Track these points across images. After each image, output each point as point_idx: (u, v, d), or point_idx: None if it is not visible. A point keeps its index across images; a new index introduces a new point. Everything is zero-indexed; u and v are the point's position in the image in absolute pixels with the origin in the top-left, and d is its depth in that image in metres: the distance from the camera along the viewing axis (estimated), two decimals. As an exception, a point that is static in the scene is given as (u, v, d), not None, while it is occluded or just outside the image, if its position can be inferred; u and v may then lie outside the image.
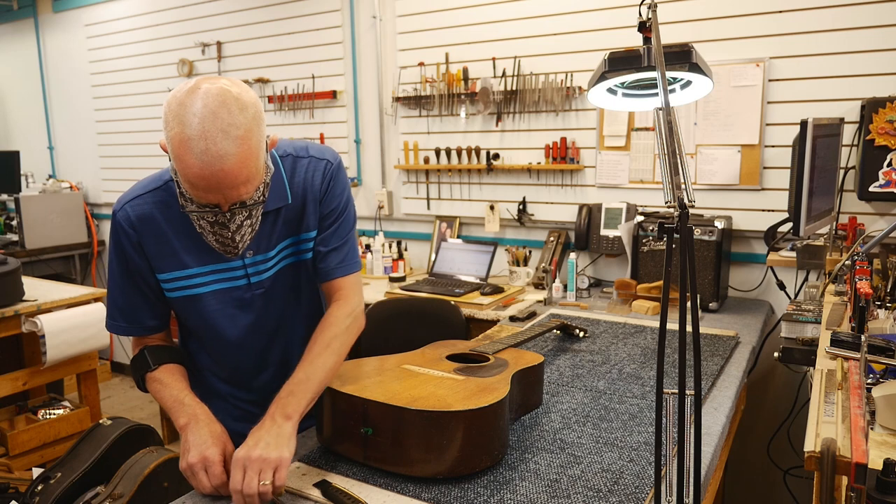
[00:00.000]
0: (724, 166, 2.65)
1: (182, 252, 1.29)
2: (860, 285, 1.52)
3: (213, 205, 1.14)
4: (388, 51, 3.46)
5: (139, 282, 1.32)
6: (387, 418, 1.21)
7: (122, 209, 1.29)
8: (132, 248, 1.29)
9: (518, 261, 3.02)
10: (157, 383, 1.32)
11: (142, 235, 1.28)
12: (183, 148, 1.06)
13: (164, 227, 1.28)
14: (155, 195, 1.29)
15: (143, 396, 4.67)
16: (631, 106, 1.30)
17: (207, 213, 1.15)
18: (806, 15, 2.44)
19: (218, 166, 1.07)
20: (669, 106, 0.95)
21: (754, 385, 2.66)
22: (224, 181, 1.08)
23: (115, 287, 1.34)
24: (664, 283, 0.88)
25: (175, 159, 1.09)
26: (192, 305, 1.34)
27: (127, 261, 1.31)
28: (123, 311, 1.35)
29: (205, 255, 1.30)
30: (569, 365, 1.86)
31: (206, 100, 1.07)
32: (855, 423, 1.04)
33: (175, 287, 1.32)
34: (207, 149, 1.06)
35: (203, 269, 1.31)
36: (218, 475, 1.16)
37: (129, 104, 4.60)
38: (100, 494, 2.14)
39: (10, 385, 2.72)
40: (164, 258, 1.29)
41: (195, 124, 1.06)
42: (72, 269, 4.85)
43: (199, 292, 1.33)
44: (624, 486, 1.19)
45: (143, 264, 1.30)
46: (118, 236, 1.30)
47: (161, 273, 1.30)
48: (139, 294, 1.33)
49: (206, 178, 1.07)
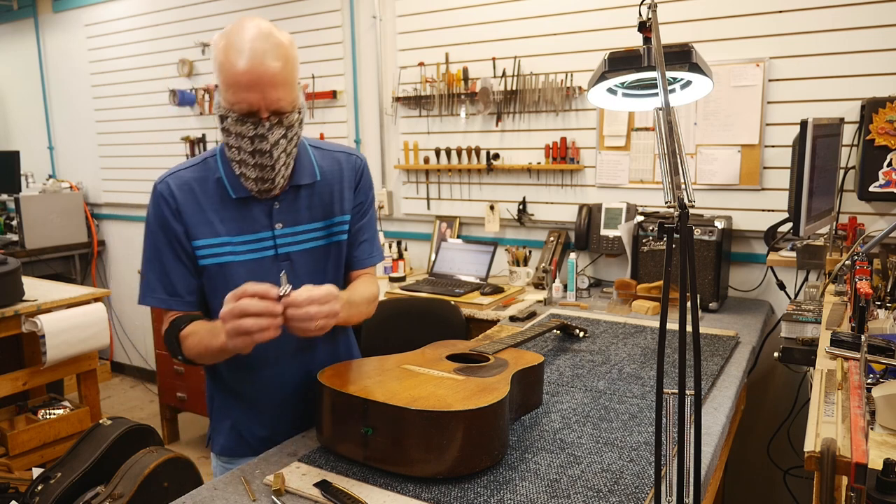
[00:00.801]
0: (724, 166, 2.66)
1: (216, 221, 1.37)
2: (860, 285, 1.52)
3: (253, 115, 1.24)
4: (388, 51, 3.46)
5: (178, 251, 1.37)
6: (387, 418, 1.21)
7: (163, 181, 1.38)
8: (172, 216, 1.36)
9: (518, 261, 3.02)
10: (191, 336, 1.33)
11: (180, 203, 1.36)
12: (230, 51, 1.21)
13: (201, 197, 1.37)
14: (193, 171, 1.39)
15: (142, 396, 4.68)
16: (631, 106, 1.30)
17: (248, 126, 1.25)
18: (806, 15, 2.44)
19: (260, 60, 1.21)
20: (669, 106, 0.95)
21: (754, 385, 2.66)
22: (265, 76, 1.21)
23: (154, 261, 1.38)
24: (664, 283, 0.88)
25: (222, 67, 1.23)
26: (221, 273, 1.38)
27: (167, 230, 1.36)
28: (163, 282, 1.38)
29: (236, 225, 1.38)
30: (569, 365, 1.86)
31: (254, 22, 1.25)
32: (855, 423, 1.04)
33: (208, 254, 1.37)
34: (253, 48, 1.21)
35: (234, 239, 1.37)
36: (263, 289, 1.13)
37: (129, 104, 4.60)
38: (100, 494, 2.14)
39: (10, 385, 2.72)
40: (200, 225, 1.36)
41: (242, 36, 1.22)
42: (72, 269, 4.85)
43: (228, 260, 1.38)
44: (624, 486, 1.19)
45: (182, 231, 1.36)
46: (159, 206, 1.37)
47: (196, 240, 1.36)
48: (179, 264, 1.37)
49: (249, 73, 1.20)
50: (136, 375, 5.02)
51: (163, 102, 4.34)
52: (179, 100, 4.19)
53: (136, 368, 5.02)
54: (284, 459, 1.32)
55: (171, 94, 4.22)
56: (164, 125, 4.41)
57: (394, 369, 1.41)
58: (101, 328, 2.89)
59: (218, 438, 1.54)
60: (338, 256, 1.49)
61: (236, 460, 1.51)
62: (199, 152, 4.25)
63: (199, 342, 1.30)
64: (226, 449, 1.53)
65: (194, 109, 4.24)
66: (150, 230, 1.39)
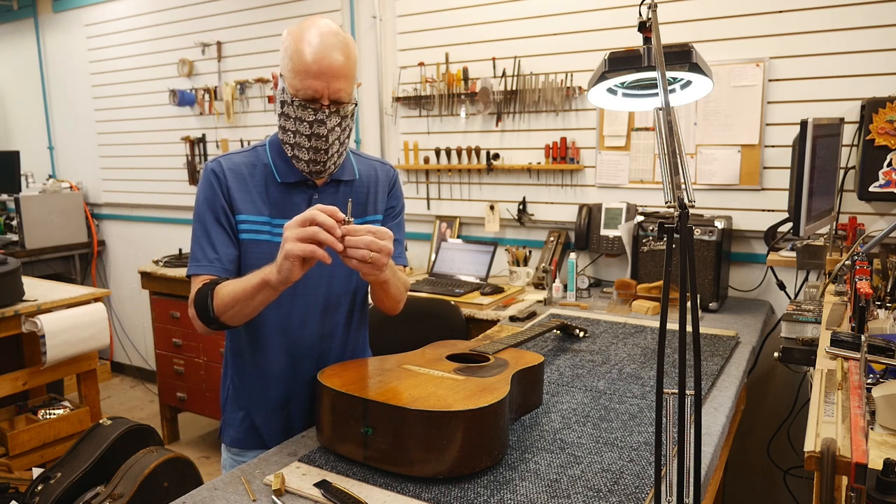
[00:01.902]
0: (724, 166, 2.66)
1: (259, 202, 1.47)
2: (860, 285, 1.52)
3: (315, 102, 1.36)
4: (388, 51, 3.46)
5: (223, 222, 1.45)
6: (387, 418, 1.21)
7: (216, 161, 1.49)
8: (221, 190, 1.45)
9: (518, 261, 3.02)
10: (224, 286, 1.36)
11: (229, 179, 1.46)
12: (302, 42, 1.34)
13: (248, 179, 1.47)
14: (243, 156, 1.50)
15: (142, 396, 4.68)
16: (631, 106, 1.30)
17: (309, 111, 1.36)
18: (806, 15, 2.44)
19: (328, 53, 1.34)
20: (669, 106, 0.95)
21: (754, 385, 2.66)
22: (332, 67, 1.34)
23: (202, 234, 1.45)
24: (664, 283, 0.88)
25: (292, 56, 1.35)
26: (256, 250, 1.46)
27: (215, 203, 1.45)
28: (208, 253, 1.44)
29: (276, 209, 1.47)
30: (569, 365, 1.86)
31: (324, 20, 1.38)
32: (855, 423, 1.04)
33: (248, 230, 1.46)
34: (323, 41, 1.34)
35: (273, 220, 1.46)
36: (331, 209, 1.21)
37: (129, 104, 4.60)
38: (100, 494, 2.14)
39: (10, 385, 2.72)
40: (246, 202, 1.46)
41: (314, 30, 1.34)
42: (72, 269, 4.85)
43: (265, 239, 1.46)
44: (624, 486, 1.19)
45: (227, 206, 1.45)
46: (209, 182, 1.46)
47: (240, 214, 1.46)
48: (223, 234, 1.46)
49: (318, 62, 1.33)
50: (136, 375, 5.02)
51: (163, 102, 4.34)
52: (179, 100, 4.19)
53: (136, 368, 5.02)
54: (284, 459, 1.32)
55: (171, 94, 4.22)
56: (164, 125, 4.41)
57: (394, 369, 1.41)
58: (101, 328, 2.89)
59: (229, 430, 1.58)
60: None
61: (246, 453, 1.54)
62: (199, 152, 4.26)
63: (236, 287, 1.33)
64: (236, 441, 1.56)
65: (194, 109, 4.24)
66: (198, 208, 1.47)
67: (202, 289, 1.38)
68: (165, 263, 3.73)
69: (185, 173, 4.33)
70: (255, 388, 1.54)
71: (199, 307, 1.37)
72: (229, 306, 1.34)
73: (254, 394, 1.54)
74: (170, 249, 4.03)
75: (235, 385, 1.57)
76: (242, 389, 1.55)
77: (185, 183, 4.35)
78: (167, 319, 3.73)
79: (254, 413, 1.54)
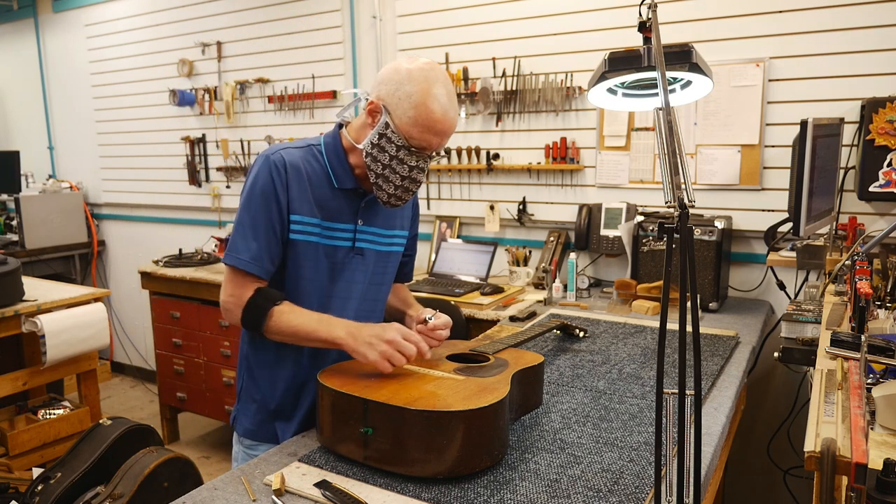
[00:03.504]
0: (724, 166, 2.66)
1: (314, 203, 1.48)
2: (860, 285, 1.52)
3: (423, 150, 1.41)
4: (388, 51, 3.46)
5: (275, 221, 1.45)
6: (387, 418, 1.21)
7: (277, 153, 1.46)
8: (281, 186, 1.44)
9: (518, 261, 3.02)
10: (288, 314, 1.43)
11: (290, 176, 1.45)
12: (432, 98, 1.36)
13: (305, 178, 1.47)
14: (301, 152, 1.50)
15: (142, 396, 4.68)
16: (631, 106, 1.30)
17: (414, 157, 1.41)
18: (806, 15, 2.44)
19: (452, 116, 1.41)
20: (669, 106, 0.95)
21: (754, 385, 2.66)
22: (452, 128, 1.42)
23: (250, 225, 1.45)
24: (664, 283, 0.88)
25: (416, 106, 1.36)
26: (304, 250, 1.48)
27: (271, 198, 1.44)
28: (252, 248, 1.44)
29: (326, 212, 1.49)
30: (569, 365, 1.86)
31: (442, 71, 1.42)
32: (855, 423, 1.04)
33: (300, 230, 1.47)
34: (450, 101, 1.39)
35: (323, 223, 1.49)
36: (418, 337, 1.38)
37: (129, 104, 4.60)
38: (100, 494, 2.14)
39: (10, 385, 2.72)
40: (302, 202, 1.47)
41: (442, 84, 1.38)
42: (72, 269, 4.85)
43: (314, 241, 1.49)
44: (624, 486, 1.19)
45: (285, 203, 1.45)
46: (270, 175, 1.44)
47: (295, 214, 1.46)
48: (272, 235, 1.45)
49: (445, 124, 1.39)
50: (136, 375, 5.02)
51: (163, 102, 4.34)
52: (179, 100, 4.19)
53: (136, 368, 5.02)
54: (284, 459, 1.32)
55: (171, 94, 4.22)
56: (164, 125, 4.41)
57: (394, 369, 1.41)
58: (101, 328, 2.89)
59: (243, 420, 1.59)
60: (393, 264, 1.66)
61: (258, 445, 1.55)
62: (199, 152, 4.26)
63: (302, 325, 1.42)
64: (249, 432, 1.57)
65: (194, 109, 4.24)
66: (252, 195, 1.45)
67: (258, 300, 1.44)
68: (165, 263, 3.73)
69: (185, 173, 4.33)
70: (266, 386, 1.55)
71: (251, 318, 1.44)
72: (285, 334, 1.44)
73: (266, 389, 1.55)
74: (170, 249, 4.03)
75: (252, 376, 1.58)
76: (259, 381, 1.56)
77: (185, 183, 4.35)
78: (167, 319, 3.73)
79: (269, 406, 1.55)
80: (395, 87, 1.38)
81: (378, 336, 1.36)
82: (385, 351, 1.34)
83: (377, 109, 1.42)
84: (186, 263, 3.70)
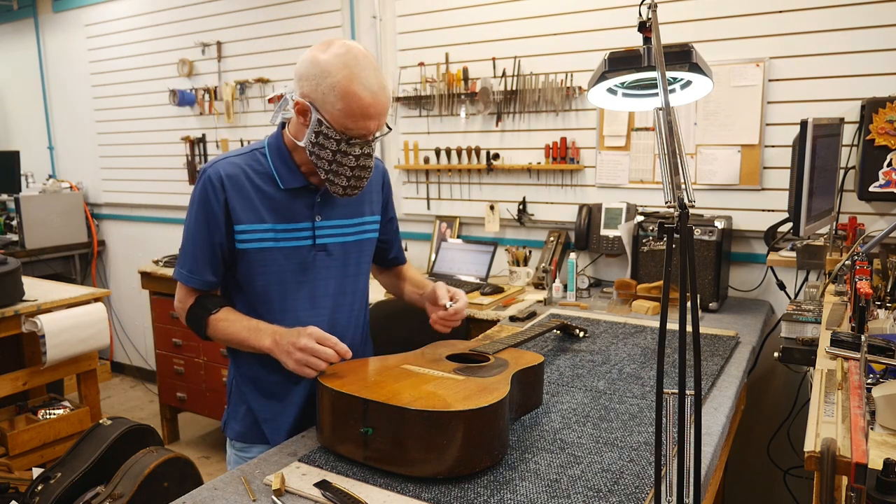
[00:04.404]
0: (724, 166, 2.65)
1: (261, 209, 1.46)
2: (860, 285, 1.52)
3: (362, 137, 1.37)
4: (388, 51, 3.46)
5: (214, 235, 1.45)
6: (387, 418, 1.21)
7: (213, 167, 1.46)
8: (217, 202, 1.44)
9: (518, 261, 3.02)
10: (223, 322, 1.47)
11: (228, 190, 1.44)
12: (356, 84, 1.31)
13: (247, 185, 1.46)
14: (242, 159, 1.48)
15: (142, 396, 4.68)
16: (631, 106, 1.30)
17: (356, 146, 1.37)
18: (806, 15, 2.44)
19: (382, 95, 1.35)
20: (669, 106, 0.95)
21: (754, 385, 2.66)
22: (383, 107, 1.36)
23: (189, 240, 1.49)
24: (664, 283, 0.88)
25: (343, 97, 1.31)
26: (260, 258, 1.47)
27: (208, 214, 1.44)
28: (190, 262, 1.49)
29: (279, 215, 1.47)
30: (569, 365, 1.86)
31: (359, 50, 1.35)
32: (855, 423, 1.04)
33: (249, 239, 1.46)
34: (377, 82, 1.33)
35: (276, 227, 1.47)
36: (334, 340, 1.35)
37: (129, 104, 4.60)
38: (100, 494, 2.14)
39: (10, 385, 2.72)
40: (246, 211, 1.45)
41: (364, 69, 1.32)
42: (72, 269, 4.85)
43: (269, 246, 1.47)
44: (624, 486, 1.19)
45: (222, 218, 1.44)
46: (206, 190, 1.45)
47: (240, 224, 1.45)
48: (210, 248, 1.46)
49: (375, 105, 1.33)
50: (136, 375, 5.02)
51: (163, 102, 4.34)
52: (179, 100, 4.19)
53: (136, 368, 5.02)
54: (284, 459, 1.32)
55: (171, 94, 4.22)
56: (164, 125, 4.41)
57: (394, 369, 1.41)
58: (101, 328, 2.89)
59: (233, 424, 1.60)
60: (367, 252, 1.63)
61: (250, 448, 1.56)
62: (199, 152, 4.26)
63: (234, 333, 1.45)
64: (240, 434, 1.58)
65: (194, 109, 4.24)
66: (192, 210, 1.48)
67: (196, 309, 1.50)
68: (165, 263, 3.73)
69: (185, 173, 4.33)
70: (256, 388, 1.55)
71: (192, 326, 1.51)
72: (223, 342, 1.50)
73: (256, 391, 1.55)
74: (170, 249, 4.03)
75: (239, 379, 1.58)
76: (244, 386, 1.57)
77: (184, 183, 4.35)
78: (167, 319, 3.73)
79: (256, 411, 1.55)
80: (316, 81, 1.33)
81: (293, 344, 1.35)
82: (300, 359, 1.33)
83: (305, 108, 1.37)
84: (186, 263, 3.69)
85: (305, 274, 1.51)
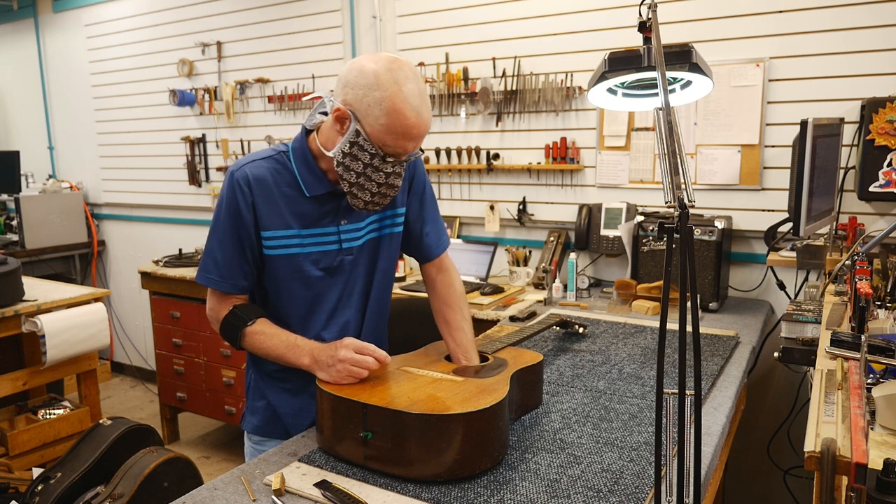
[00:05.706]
0: (724, 166, 2.65)
1: (288, 215, 1.44)
2: (860, 285, 1.52)
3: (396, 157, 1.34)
4: (389, 51, 3.45)
5: (244, 238, 1.43)
6: (386, 422, 1.21)
7: (241, 169, 1.42)
8: (245, 205, 1.41)
9: (518, 261, 3.02)
10: (259, 335, 1.44)
11: (256, 195, 1.41)
12: (404, 102, 1.28)
13: (274, 190, 1.43)
14: (268, 162, 1.45)
15: (142, 396, 4.68)
16: (631, 106, 1.30)
17: (389, 164, 1.35)
18: (806, 15, 2.44)
19: (426, 118, 1.32)
20: (669, 106, 0.95)
21: (754, 385, 2.66)
22: (425, 130, 1.34)
23: (217, 243, 1.45)
24: (664, 283, 0.88)
25: (389, 112, 1.28)
26: (288, 263, 1.45)
27: (237, 217, 1.42)
28: (220, 266, 1.45)
29: (305, 220, 1.45)
30: (569, 365, 1.86)
31: (411, 68, 1.32)
32: (855, 423, 1.04)
33: (276, 245, 1.44)
34: (425, 105, 1.31)
35: (303, 232, 1.45)
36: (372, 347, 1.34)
37: (129, 104, 4.60)
38: (100, 494, 2.14)
39: (10, 385, 2.72)
40: (273, 217, 1.43)
41: (411, 88, 1.29)
42: (72, 269, 4.85)
43: (296, 252, 1.45)
44: (624, 486, 1.19)
45: (251, 221, 1.42)
46: (234, 193, 1.41)
47: (266, 230, 1.43)
48: (240, 252, 1.44)
49: (418, 127, 1.31)
50: (136, 375, 5.02)
51: (163, 102, 4.34)
52: (179, 100, 4.19)
53: (136, 368, 5.02)
54: (284, 459, 1.32)
55: (171, 94, 4.22)
56: (164, 125, 4.41)
57: (393, 371, 1.41)
58: (101, 328, 2.89)
59: (251, 417, 1.60)
60: (392, 247, 1.60)
61: (267, 441, 1.57)
62: (199, 152, 4.26)
63: (272, 348, 1.43)
64: (258, 428, 1.59)
65: (194, 109, 4.24)
66: (219, 214, 1.44)
67: (231, 320, 1.46)
68: (165, 263, 3.73)
69: (185, 173, 4.33)
70: (275, 383, 1.56)
71: (227, 336, 1.48)
72: (257, 352, 1.47)
73: (275, 386, 1.56)
74: (170, 249, 4.03)
75: (258, 375, 1.58)
76: (263, 381, 1.57)
77: (185, 183, 4.35)
78: (167, 319, 3.73)
79: (274, 405, 1.56)
80: (363, 91, 1.29)
81: (332, 356, 1.34)
82: (341, 369, 1.33)
83: (345, 116, 1.32)
84: (186, 263, 3.69)
85: (333, 277, 1.50)
